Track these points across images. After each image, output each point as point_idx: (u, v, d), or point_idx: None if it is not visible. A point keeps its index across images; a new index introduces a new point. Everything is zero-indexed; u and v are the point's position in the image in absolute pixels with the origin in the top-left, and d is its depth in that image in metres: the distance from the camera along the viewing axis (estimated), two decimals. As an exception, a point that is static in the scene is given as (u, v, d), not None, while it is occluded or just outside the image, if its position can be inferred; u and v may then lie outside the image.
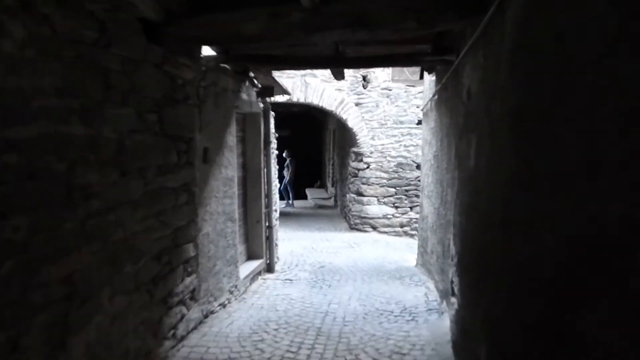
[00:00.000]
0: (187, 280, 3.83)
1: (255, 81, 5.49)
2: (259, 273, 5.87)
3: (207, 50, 4.15)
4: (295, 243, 8.44)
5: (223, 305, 4.59)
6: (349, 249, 8.05)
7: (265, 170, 5.98)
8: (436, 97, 5.16)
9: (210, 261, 4.30)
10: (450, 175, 4.22)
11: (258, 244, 5.96)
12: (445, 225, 4.57)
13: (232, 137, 4.78)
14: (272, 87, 5.73)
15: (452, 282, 4.07)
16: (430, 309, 4.74)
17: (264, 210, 5.94)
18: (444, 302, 4.52)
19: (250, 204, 5.88)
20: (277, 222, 6.89)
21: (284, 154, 12.74)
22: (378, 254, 7.65)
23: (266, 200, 6.03)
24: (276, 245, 6.57)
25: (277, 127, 6.73)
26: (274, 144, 6.49)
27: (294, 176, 13.30)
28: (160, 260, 3.36)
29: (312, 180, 17.33)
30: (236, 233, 4.95)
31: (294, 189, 14.01)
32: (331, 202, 13.76)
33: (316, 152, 18.11)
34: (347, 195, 10.31)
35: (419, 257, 6.84)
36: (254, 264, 5.73)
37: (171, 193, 3.52)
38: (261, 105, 5.86)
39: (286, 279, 5.86)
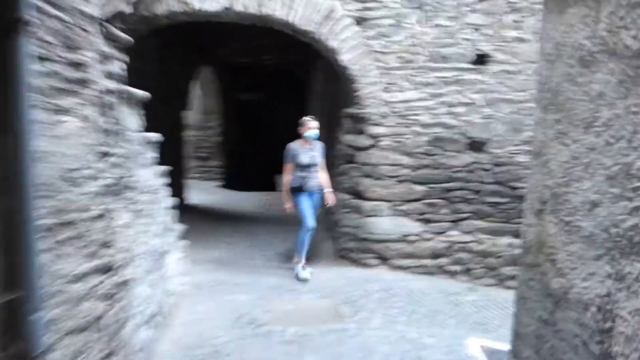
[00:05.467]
0: None
1: None
2: None
3: None
4: (219, 302, 3.98)
5: None
6: (332, 324, 3.61)
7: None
8: None
9: None
10: None
11: None
12: None
13: None
14: None
15: None
16: None
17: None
18: None
19: None
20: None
21: (306, 136, 4.97)
22: (398, 344, 3.25)
23: None
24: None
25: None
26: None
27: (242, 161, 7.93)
28: None
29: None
30: None
31: (248, 177, 8.99)
32: (314, 197, 9.25)
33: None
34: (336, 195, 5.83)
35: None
36: None
37: None
38: None
39: None
